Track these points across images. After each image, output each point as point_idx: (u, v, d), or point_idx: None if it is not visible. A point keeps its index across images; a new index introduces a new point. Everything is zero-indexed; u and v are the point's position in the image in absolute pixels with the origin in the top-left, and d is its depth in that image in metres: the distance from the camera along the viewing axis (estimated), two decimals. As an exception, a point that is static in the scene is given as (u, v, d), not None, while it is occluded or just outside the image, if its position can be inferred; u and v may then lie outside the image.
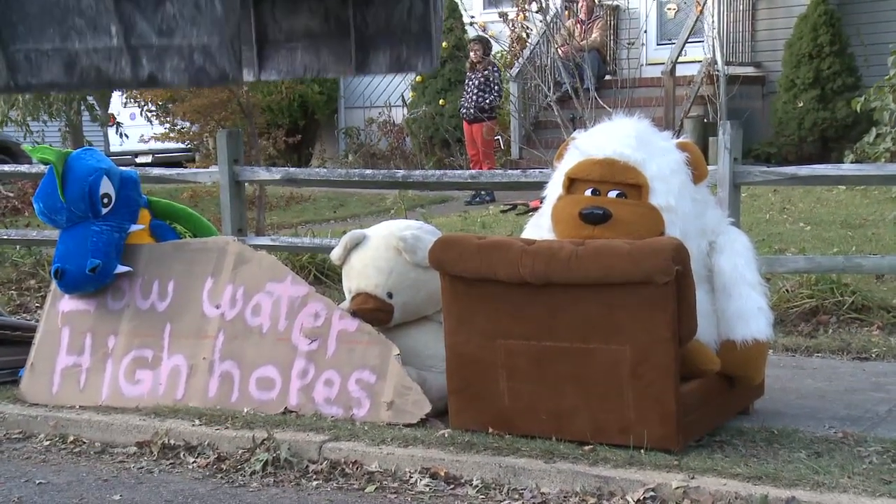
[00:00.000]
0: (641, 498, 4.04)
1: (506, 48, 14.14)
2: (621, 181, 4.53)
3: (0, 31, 3.90)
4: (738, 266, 4.64)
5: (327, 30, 5.05)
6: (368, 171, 7.97)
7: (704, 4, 14.21)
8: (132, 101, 13.14)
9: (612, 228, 4.44)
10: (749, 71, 14.87)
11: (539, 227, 4.85)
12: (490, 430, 4.62)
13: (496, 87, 13.47)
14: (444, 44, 14.43)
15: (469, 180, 7.56)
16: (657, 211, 4.51)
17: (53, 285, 5.91)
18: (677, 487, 4.02)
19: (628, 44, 14.67)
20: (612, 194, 4.54)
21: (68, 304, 5.86)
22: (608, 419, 4.40)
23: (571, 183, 4.63)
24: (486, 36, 12.91)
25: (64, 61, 3.96)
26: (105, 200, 5.74)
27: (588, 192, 4.58)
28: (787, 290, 6.95)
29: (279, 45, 4.51)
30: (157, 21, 3.71)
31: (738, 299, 4.60)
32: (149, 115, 13.61)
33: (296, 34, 4.28)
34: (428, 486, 4.35)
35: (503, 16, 11.04)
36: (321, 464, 4.62)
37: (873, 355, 6.09)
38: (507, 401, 4.58)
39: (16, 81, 4.19)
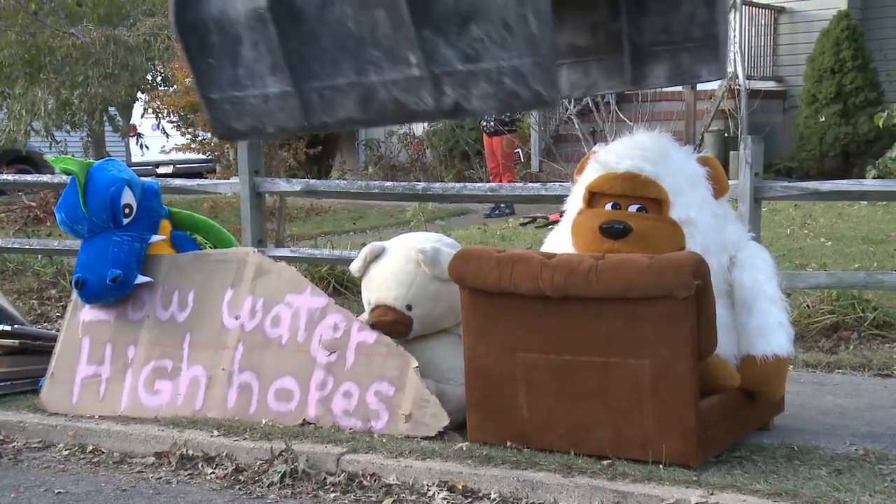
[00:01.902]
0: (660, 514, 4.02)
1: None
2: (642, 195, 4.52)
3: (294, 70, 3.93)
4: (759, 281, 4.62)
5: (595, 44, 4.99)
6: (388, 183, 7.98)
7: (726, 18, 14.19)
8: (152, 112, 13.21)
9: (632, 243, 4.43)
10: (770, 85, 14.84)
11: (559, 241, 4.84)
12: (508, 443, 4.61)
13: (516, 100, 13.46)
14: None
15: (489, 193, 7.56)
16: (678, 225, 4.49)
17: (74, 295, 5.94)
18: (696, 503, 3.99)
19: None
20: (633, 208, 4.53)
21: (89, 313, 5.89)
22: (627, 434, 4.38)
23: (592, 196, 4.62)
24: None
25: (360, 96, 3.96)
26: (126, 211, 5.77)
27: (608, 206, 4.57)
28: (807, 306, 6.92)
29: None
30: (461, 46, 3.71)
31: (759, 314, 4.58)
32: (168, 125, 13.67)
33: (559, 52, 4.16)
34: (445, 499, 4.34)
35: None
36: (339, 476, 4.62)
37: (895, 372, 6.04)
38: (526, 414, 4.57)
39: (309, 121, 4.23)
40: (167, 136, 13.75)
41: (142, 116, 14.41)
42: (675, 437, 4.29)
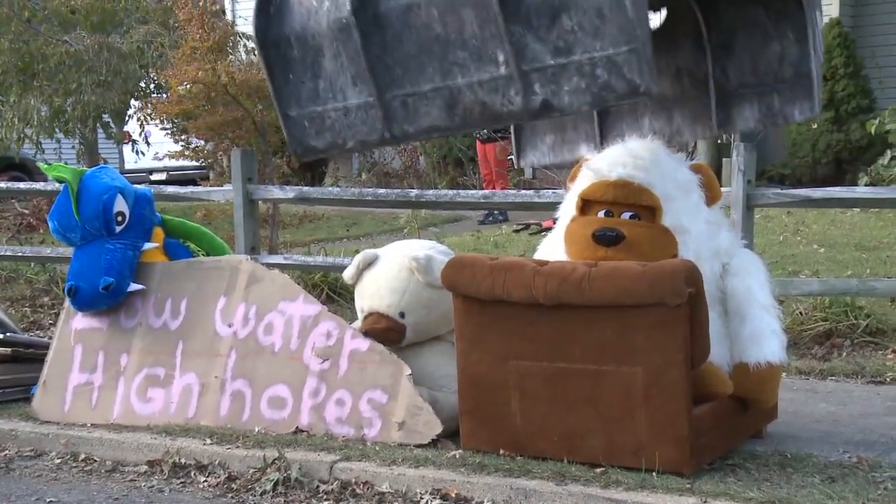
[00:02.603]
0: (653, 521, 4.01)
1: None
2: (634, 203, 4.52)
3: (377, 79, 3.90)
4: (752, 288, 4.63)
5: (680, 90, 4.92)
6: (382, 191, 7.99)
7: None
8: (137, 120, 13.22)
9: (624, 250, 4.43)
10: (763, 92, 14.85)
11: (552, 248, 4.84)
12: (502, 451, 4.61)
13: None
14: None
15: (482, 200, 7.57)
16: (670, 233, 4.50)
17: (67, 303, 5.93)
18: (690, 511, 3.99)
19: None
20: (626, 216, 4.53)
21: (81, 321, 5.87)
22: (620, 441, 4.38)
23: (584, 204, 4.63)
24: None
25: (445, 101, 3.92)
26: (119, 218, 5.76)
27: (601, 214, 4.57)
28: (800, 313, 6.92)
29: (622, 114, 4.36)
30: (552, 39, 3.64)
31: (752, 322, 4.59)
32: (160, 132, 13.65)
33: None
34: (439, 507, 4.33)
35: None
36: (332, 484, 4.61)
37: (888, 379, 6.05)
38: (519, 422, 4.56)
39: (391, 132, 4.20)
40: (148, 144, 13.76)
41: (140, 126, 14.40)
42: (667, 445, 4.29)
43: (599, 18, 3.44)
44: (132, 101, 13.99)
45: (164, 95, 13.00)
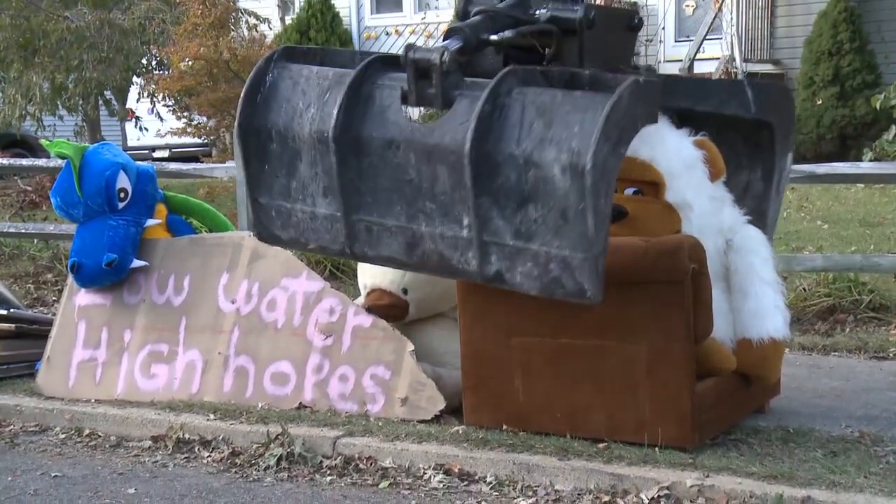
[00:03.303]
0: (656, 496, 4.02)
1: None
2: (637, 178, 4.50)
3: (347, 199, 3.97)
4: (755, 264, 4.62)
5: None
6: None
7: (723, 1, 14.16)
8: (147, 96, 13.17)
9: (627, 226, 4.42)
10: (768, 68, 14.80)
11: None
12: (504, 427, 4.62)
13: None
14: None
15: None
16: (673, 208, 4.48)
17: (70, 279, 5.94)
18: (692, 486, 4.00)
19: (646, 41, 14.62)
20: (629, 192, 4.52)
21: (85, 298, 5.88)
22: (623, 417, 4.39)
23: (588, 180, 4.61)
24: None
25: (406, 241, 3.99)
26: (122, 195, 5.76)
27: None
28: (804, 289, 6.92)
29: None
30: (515, 222, 3.75)
31: (755, 298, 4.58)
32: (163, 108, 13.62)
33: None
34: (442, 482, 4.35)
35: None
36: (335, 459, 4.63)
37: (891, 354, 6.05)
38: (522, 398, 4.57)
39: (351, 249, 4.25)
40: (161, 119, 13.71)
41: (137, 101, 14.37)
42: (670, 421, 4.29)
43: (563, 220, 3.49)
44: (134, 78, 13.96)
45: (167, 72, 12.97)
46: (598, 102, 3.42)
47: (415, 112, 3.88)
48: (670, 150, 4.56)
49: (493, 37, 3.92)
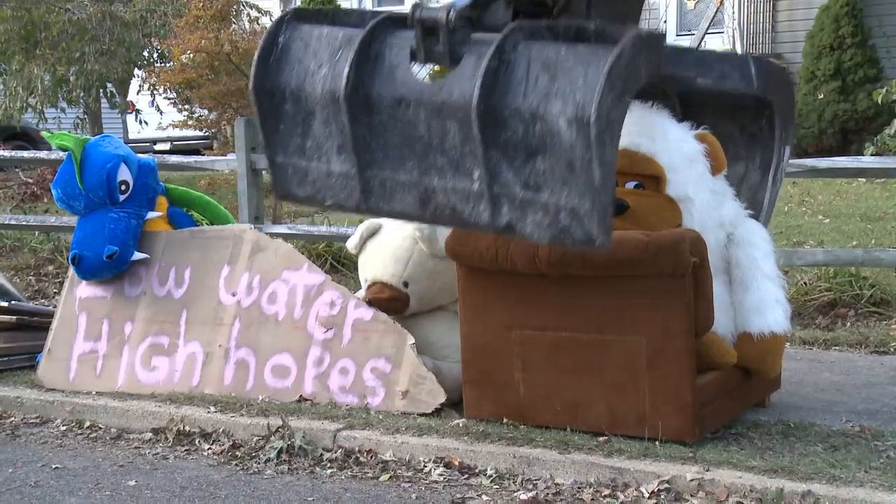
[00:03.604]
0: (656, 490, 4.02)
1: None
2: (639, 172, 4.50)
3: (360, 156, 4.00)
4: (756, 258, 4.62)
5: None
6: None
7: (725, -5, 14.14)
8: (148, 88, 13.15)
9: (629, 220, 4.42)
10: (769, 62, 14.77)
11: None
12: (505, 420, 4.62)
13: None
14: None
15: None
16: (674, 202, 4.48)
17: (71, 271, 5.94)
18: (692, 480, 4.01)
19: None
20: (630, 185, 4.52)
21: (86, 290, 5.88)
22: (624, 410, 4.39)
23: (589, 173, 4.60)
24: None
25: (419, 194, 4.07)
26: (123, 187, 5.76)
27: None
28: (805, 283, 6.92)
29: None
30: (524, 173, 3.81)
31: (756, 292, 4.58)
32: (164, 101, 13.62)
33: None
34: (442, 475, 4.35)
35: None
36: (335, 452, 4.63)
37: (891, 349, 6.05)
38: (523, 391, 4.57)
39: (367, 204, 4.30)
40: (161, 112, 13.70)
41: (137, 93, 14.37)
42: (671, 414, 4.29)
43: (570, 171, 3.53)
44: (135, 71, 13.95)
45: (168, 64, 12.96)
46: (600, 55, 3.43)
47: (423, 70, 3.89)
48: (672, 144, 4.56)
49: None
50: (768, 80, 4.57)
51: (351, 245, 5.33)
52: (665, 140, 4.56)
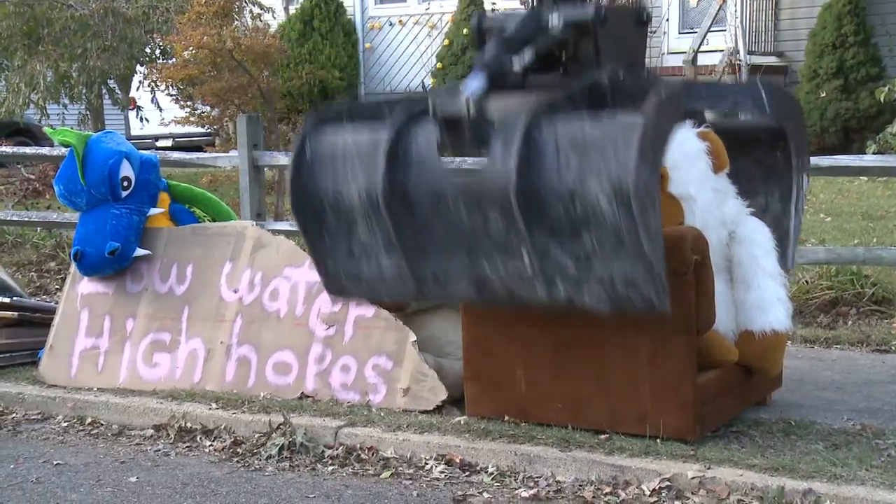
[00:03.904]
0: (657, 487, 4.03)
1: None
2: None
3: (408, 253, 4.10)
4: (757, 256, 4.61)
5: None
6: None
7: (727, -7, 14.12)
8: (149, 85, 13.14)
9: None
10: (771, 60, 14.76)
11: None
12: (506, 417, 4.62)
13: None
14: (464, 30, 14.40)
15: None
16: (676, 200, 4.48)
17: (73, 268, 5.94)
18: (693, 477, 4.01)
19: (650, 32, 14.58)
20: None
21: (87, 286, 5.89)
22: (625, 408, 4.39)
23: (591, 171, 4.60)
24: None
25: (473, 280, 4.20)
26: (125, 184, 5.76)
27: None
28: (806, 282, 6.91)
29: None
30: (573, 250, 3.91)
31: (757, 290, 4.58)
32: (165, 97, 13.61)
33: None
34: (443, 472, 4.35)
35: (525, 3, 11.00)
36: (337, 449, 4.63)
37: (893, 348, 6.05)
38: (524, 389, 4.57)
39: (423, 295, 4.43)
40: (160, 109, 13.70)
41: (139, 89, 14.35)
42: (672, 412, 4.29)
43: (618, 242, 3.70)
44: (137, 67, 13.94)
45: (170, 61, 12.95)
46: (627, 129, 3.52)
47: (453, 161, 3.99)
48: (674, 143, 4.55)
49: (516, 66, 4.03)
50: (780, 107, 4.60)
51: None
52: None
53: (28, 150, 9.64)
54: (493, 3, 15.74)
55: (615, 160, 3.50)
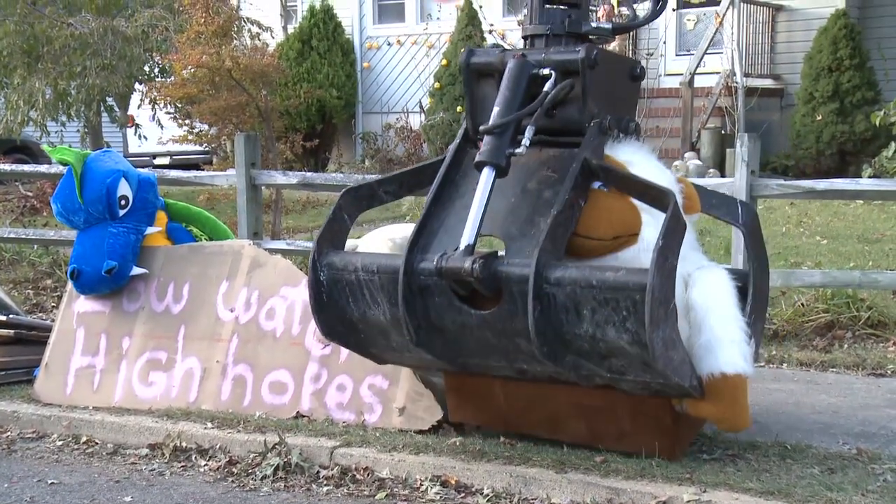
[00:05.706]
0: (652, 510, 4.02)
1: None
2: None
3: (447, 359, 4.26)
4: (709, 298, 4.26)
5: None
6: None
7: (724, 16, 14.19)
8: (149, 102, 13.17)
9: (587, 215, 4.38)
10: (768, 83, 14.83)
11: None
12: (488, 425, 4.70)
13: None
14: (462, 50, 14.43)
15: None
16: (637, 209, 4.30)
17: (69, 286, 5.94)
18: (689, 500, 4.00)
19: (647, 54, 14.65)
20: (596, 185, 4.32)
21: (84, 304, 5.88)
22: (603, 428, 4.45)
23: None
24: (504, 44, 12.87)
25: (513, 372, 4.24)
26: (122, 202, 5.77)
27: None
28: (802, 305, 6.92)
29: None
30: (604, 366, 4.00)
31: (708, 331, 4.21)
32: (164, 116, 13.65)
33: None
34: (438, 493, 4.34)
35: (522, 24, 11.04)
36: (332, 469, 4.62)
37: (889, 371, 6.05)
38: (503, 401, 4.62)
39: (466, 371, 4.51)
40: (161, 126, 13.73)
41: (138, 107, 14.38)
42: (651, 434, 4.35)
43: (644, 364, 3.88)
44: (136, 85, 13.97)
45: (169, 79, 12.99)
46: (634, 286, 3.73)
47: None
48: (651, 163, 4.48)
49: (519, 150, 4.11)
50: (750, 226, 4.74)
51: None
52: (646, 158, 4.46)
53: (26, 167, 9.64)
54: (491, 25, 15.81)
55: (628, 311, 3.74)
